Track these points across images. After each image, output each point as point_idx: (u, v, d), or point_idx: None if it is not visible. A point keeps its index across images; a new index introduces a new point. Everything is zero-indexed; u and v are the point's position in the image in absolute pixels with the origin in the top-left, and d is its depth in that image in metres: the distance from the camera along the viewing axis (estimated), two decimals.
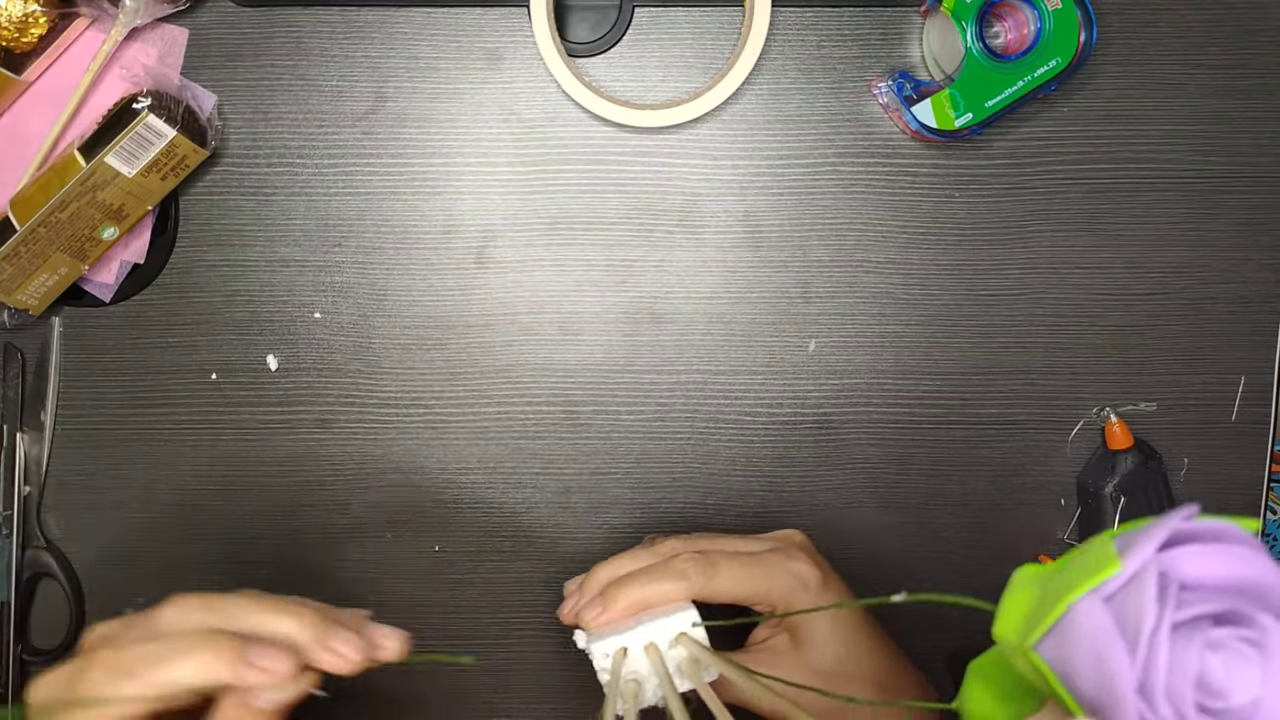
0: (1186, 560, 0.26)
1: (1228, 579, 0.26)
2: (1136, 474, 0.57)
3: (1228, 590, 0.26)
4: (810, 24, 0.56)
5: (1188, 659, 0.25)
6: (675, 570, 0.43)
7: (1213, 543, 0.26)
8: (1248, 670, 0.26)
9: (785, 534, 0.50)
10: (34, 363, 0.58)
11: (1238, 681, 0.26)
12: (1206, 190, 0.58)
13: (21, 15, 0.51)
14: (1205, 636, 0.25)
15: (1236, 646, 0.26)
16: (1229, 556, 0.26)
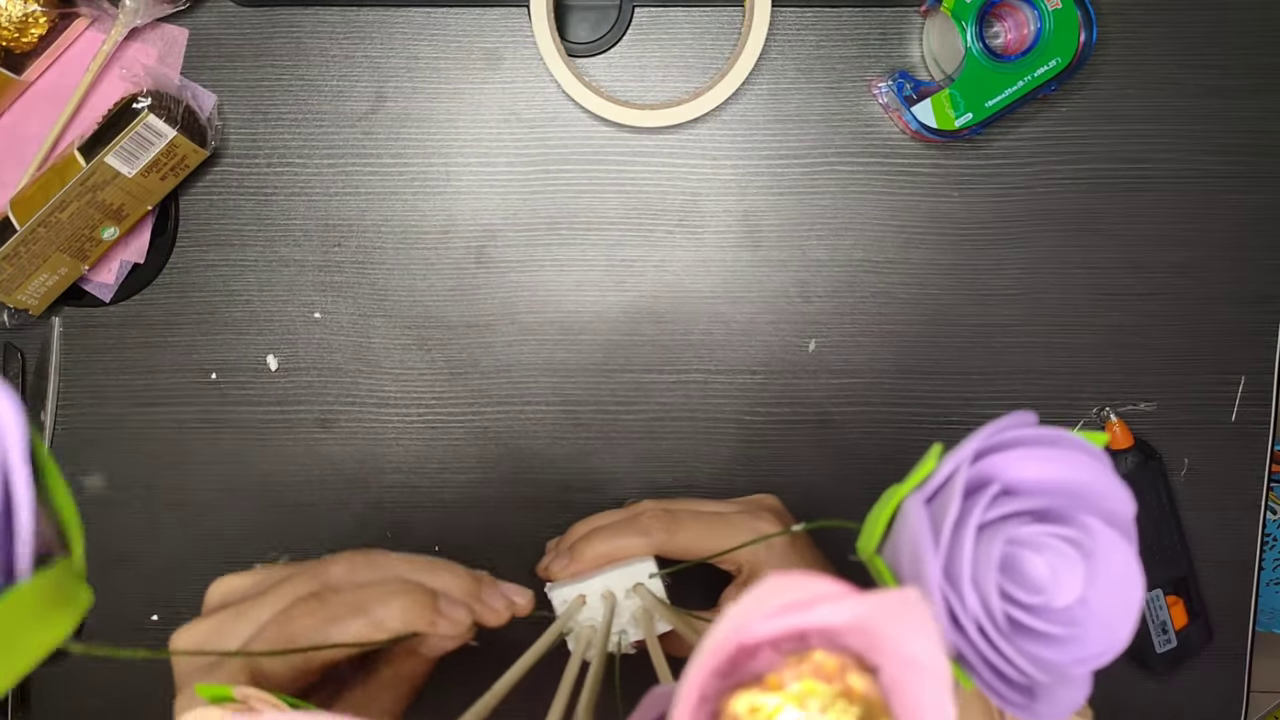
0: (1015, 464, 0.26)
1: (1055, 482, 0.26)
2: (1136, 474, 0.57)
3: (1055, 493, 0.26)
4: (810, 24, 0.56)
5: (992, 550, 0.25)
6: (640, 526, 0.45)
7: (1044, 447, 0.26)
8: (1071, 570, 0.26)
9: (756, 498, 0.51)
10: (34, 363, 0.58)
11: (1062, 580, 0.26)
12: (1206, 190, 0.58)
13: (21, 15, 0.51)
14: (1017, 533, 0.26)
15: (1057, 545, 0.26)
16: (1058, 460, 0.26)
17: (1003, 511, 0.26)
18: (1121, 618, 0.26)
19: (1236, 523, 0.61)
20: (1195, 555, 0.60)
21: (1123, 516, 0.26)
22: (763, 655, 0.21)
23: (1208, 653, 0.61)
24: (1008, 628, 0.26)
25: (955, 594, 0.25)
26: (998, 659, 0.25)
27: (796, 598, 0.20)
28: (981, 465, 0.26)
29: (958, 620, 0.25)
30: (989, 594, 0.25)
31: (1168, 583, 0.59)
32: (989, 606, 0.25)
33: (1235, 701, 0.63)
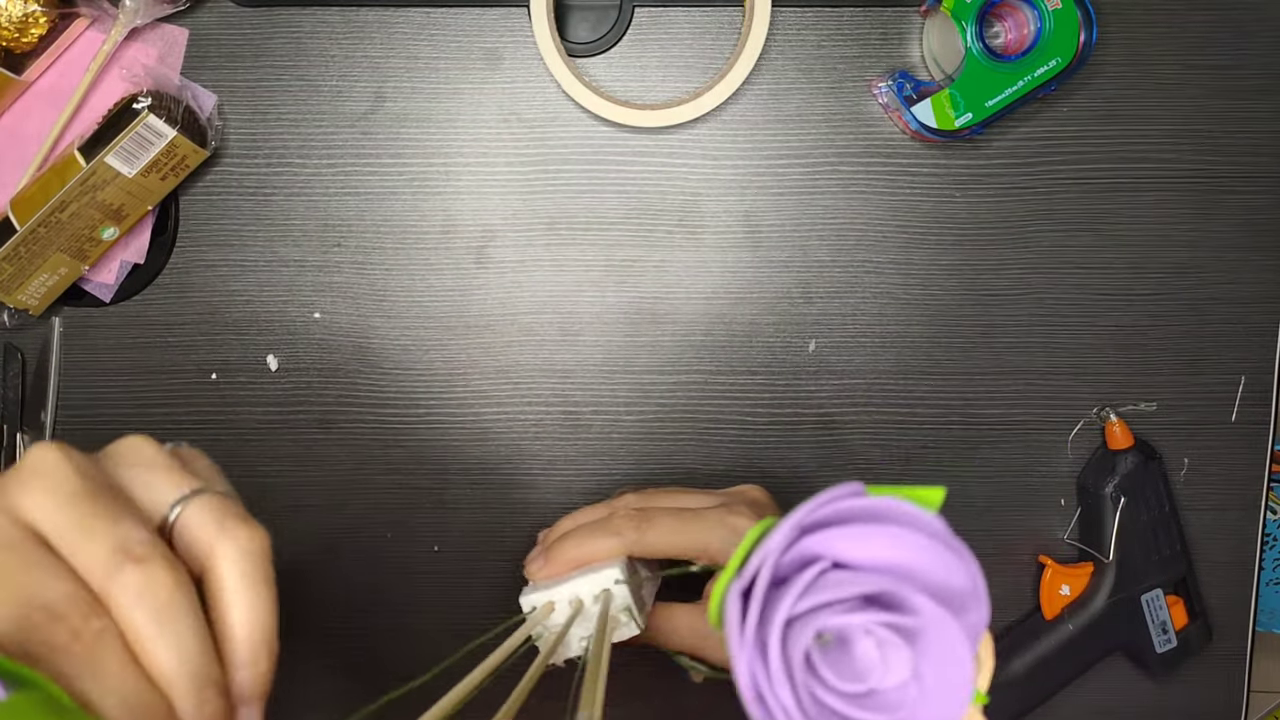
0: (838, 542, 0.26)
1: (879, 561, 0.26)
2: (1136, 474, 0.57)
3: (881, 571, 0.26)
4: (810, 24, 0.56)
5: (800, 643, 0.25)
6: (611, 527, 0.45)
7: (865, 524, 0.26)
8: (897, 654, 0.26)
9: (740, 489, 0.50)
10: (34, 363, 0.58)
11: (890, 663, 0.26)
12: (1207, 190, 0.58)
13: (21, 15, 0.51)
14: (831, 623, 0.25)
15: (880, 632, 0.26)
16: (879, 539, 0.26)
17: (819, 600, 0.25)
18: (955, 693, 0.26)
19: (1236, 523, 0.61)
20: (1195, 555, 0.60)
21: (956, 588, 0.26)
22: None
23: (1208, 653, 0.61)
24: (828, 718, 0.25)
25: (768, 686, 0.25)
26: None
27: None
28: (806, 543, 0.26)
29: (770, 712, 0.25)
30: (800, 688, 0.25)
31: (1168, 583, 0.59)
32: (800, 699, 0.25)
33: (1235, 701, 0.63)
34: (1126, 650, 0.60)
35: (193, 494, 0.29)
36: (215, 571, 0.28)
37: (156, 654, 0.26)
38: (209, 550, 0.28)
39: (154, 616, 0.26)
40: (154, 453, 0.30)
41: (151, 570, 0.26)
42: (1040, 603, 0.59)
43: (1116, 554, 0.58)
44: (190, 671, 0.26)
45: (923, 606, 0.25)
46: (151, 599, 0.26)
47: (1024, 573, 0.60)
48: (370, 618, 0.60)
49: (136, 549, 0.26)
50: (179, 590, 0.27)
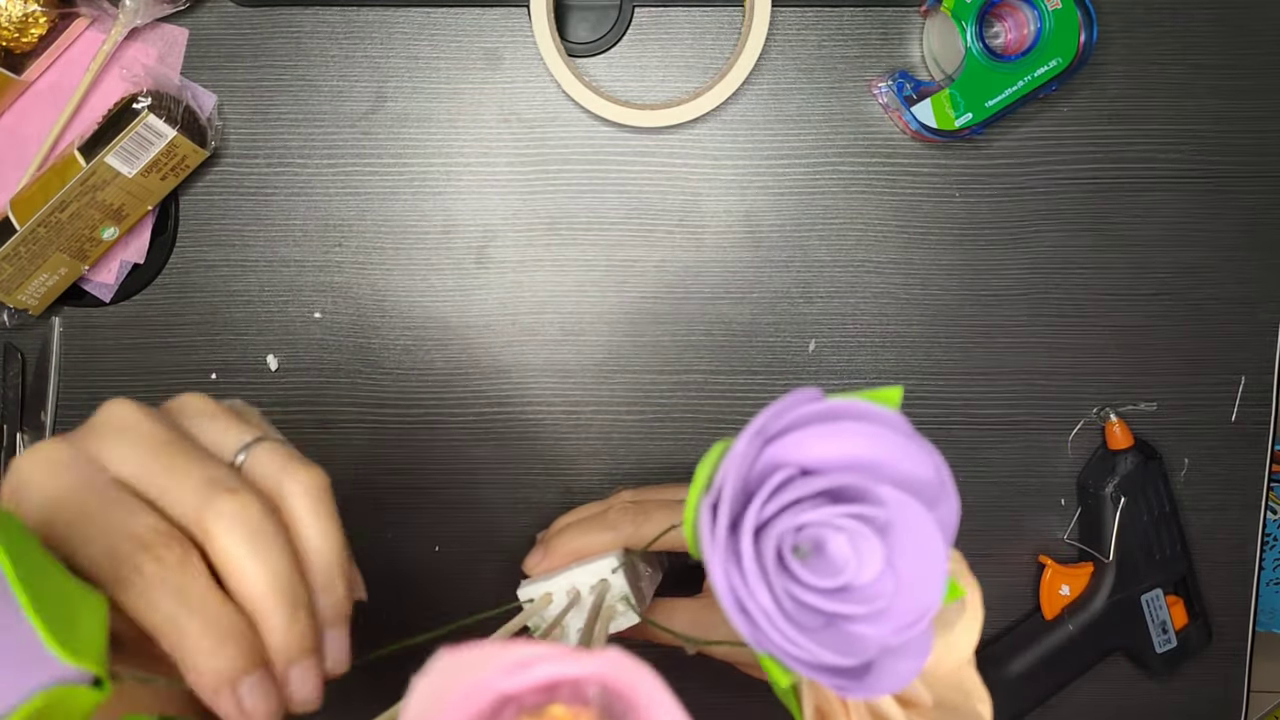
0: (800, 446, 0.26)
1: (843, 458, 0.26)
2: (1136, 474, 0.57)
3: (846, 468, 0.26)
4: (810, 24, 0.56)
5: (771, 544, 0.25)
6: (607, 521, 0.45)
7: (822, 424, 0.26)
8: (869, 546, 0.26)
9: None
10: (34, 363, 0.58)
11: (864, 557, 0.26)
12: (1207, 190, 0.58)
13: (21, 15, 0.51)
14: (802, 519, 0.26)
15: (849, 525, 0.26)
16: (839, 436, 0.26)
17: (787, 499, 0.26)
18: (929, 580, 0.26)
19: (1236, 523, 0.61)
20: (1195, 555, 0.60)
21: (920, 478, 0.26)
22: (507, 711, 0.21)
23: (1208, 653, 0.61)
24: (810, 617, 0.26)
25: (747, 593, 0.25)
26: (801, 652, 0.25)
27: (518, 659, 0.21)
28: (769, 452, 0.26)
29: (753, 619, 0.25)
30: (776, 589, 0.25)
31: (1168, 583, 0.59)
32: (779, 601, 0.25)
33: (1235, 701, 0.63)
34: (1126, 650, 0.60)
35: (255, 441, 0.31)
36: (286, 506, 0.30)
37: (249, 575, 0.28)
38: (278, 489, 0.30)
39: (248, 539, 0.28)
40: (214, 407, 0.32)
41: (243, 498, 0.28)
42: (1040, 603, 0.59)
43: (1116, 554, 0.58)
44: (282, 590, 0.28)
45: (888, 496, 0.26)
46: (245, 524, 0.28)
47: (1024, 573, 0.60)
48: (370, 617, 0.60)
49: (227, 482, 0.28)
50: (268, 517, 0.28)
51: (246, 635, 0.27)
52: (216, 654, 0.26)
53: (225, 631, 0.27)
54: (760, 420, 0.26)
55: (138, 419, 0.29)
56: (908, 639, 0.26)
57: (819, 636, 0.25)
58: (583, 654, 0.21)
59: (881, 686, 0.25)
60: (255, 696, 0.27)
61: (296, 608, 0.28)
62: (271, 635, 0.28)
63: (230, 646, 0.27)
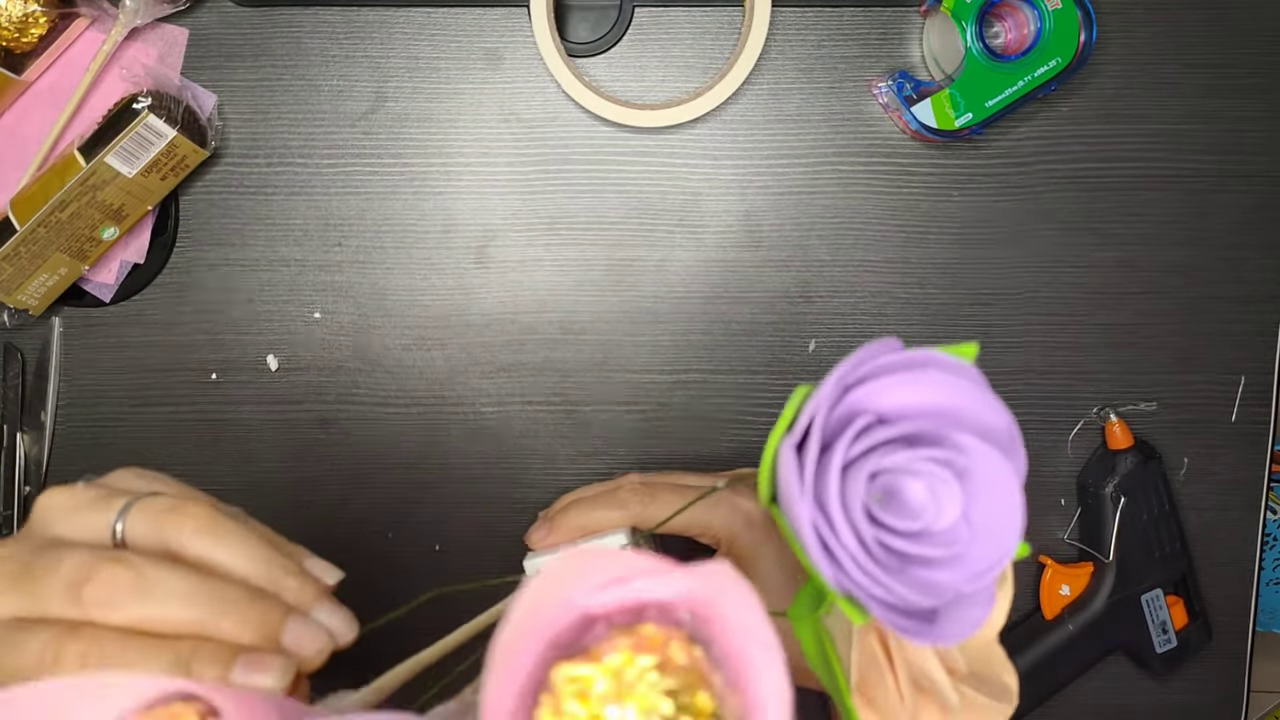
0: (881, 393, 0.26)
1: (923, 405, 0.26)
2: (1136, 474, 0.57)
3: (925, 415, 0.26)
4: (810, 24, 0.56)
5: (859, 485, 0.25)
6: (617, 499, 0.45)
7: (905, 372, 0.26)
8: (947, 490, 0.26)
9: (742, 471, 0.51)
10: (34, 363, 0.58)
11: (941, 501, 0.26)
12: (1206, 190, 0.58)
13: (21, 15, 0.51)
14: (885, 462, 0.26)
15: (929, 469, 0.26)
16: (921, 384, 0.26)
17: (869, 443, 0.26)
18: (1005, 528, 0.26)
19: (1236, 523, 0.61)
20: (1195, 555, 0.60)
21: (997, 429, 0.26)
22: (598, 628, 0.21)
23: (1208, 653, 0.61)
24: (890, 559, 0.26)
25: (831, 533, 0.25)
26: (883, 592, 0.25)
27: (615, 573, 0.21)
28: (850, 399, 0.26)
29: (836, 559, 0.25)
30: (861, 529, 0.25)
31: (1168, 583, 0.59)
32: (864, 541, 0.25)
33: (1235, 701, 0.63)
34: (1126, 650, 0.60)
35: (124, 509, 0.30)
36: (183, 554, 0.29)
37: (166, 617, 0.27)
38: (163, 543, 0.29)
39: (134, 602, 0.27)
40: (75, 498, 0.31)
41: (103, 573, 0.27)
42: (1040, 603, 0.59)
43: (1116, 554, 0.58)
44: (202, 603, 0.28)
45: (969, 444, 0.26)
46: (123, 592, 0.27)
47: (1024, 573, 0.60)
48: (370, 617, 0.60)
49: (78, 574, 0.28)
50: (143, 567, 0.28)
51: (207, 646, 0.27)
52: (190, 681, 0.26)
53: (185, 658, 0.27)
54: (844, 366, 0.26)
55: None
56: (980, 586, 0.26)
57: (898, 578, 0.25)
58: (679, 570, 0.21)
59: (950, 633, 0.26)
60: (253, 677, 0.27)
61: (229, 606, 0.28)
62: (232, 638, 0.28)
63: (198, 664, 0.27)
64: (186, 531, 0.29)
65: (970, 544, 0.26)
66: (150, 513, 0.30)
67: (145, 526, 0.29)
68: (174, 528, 0.29)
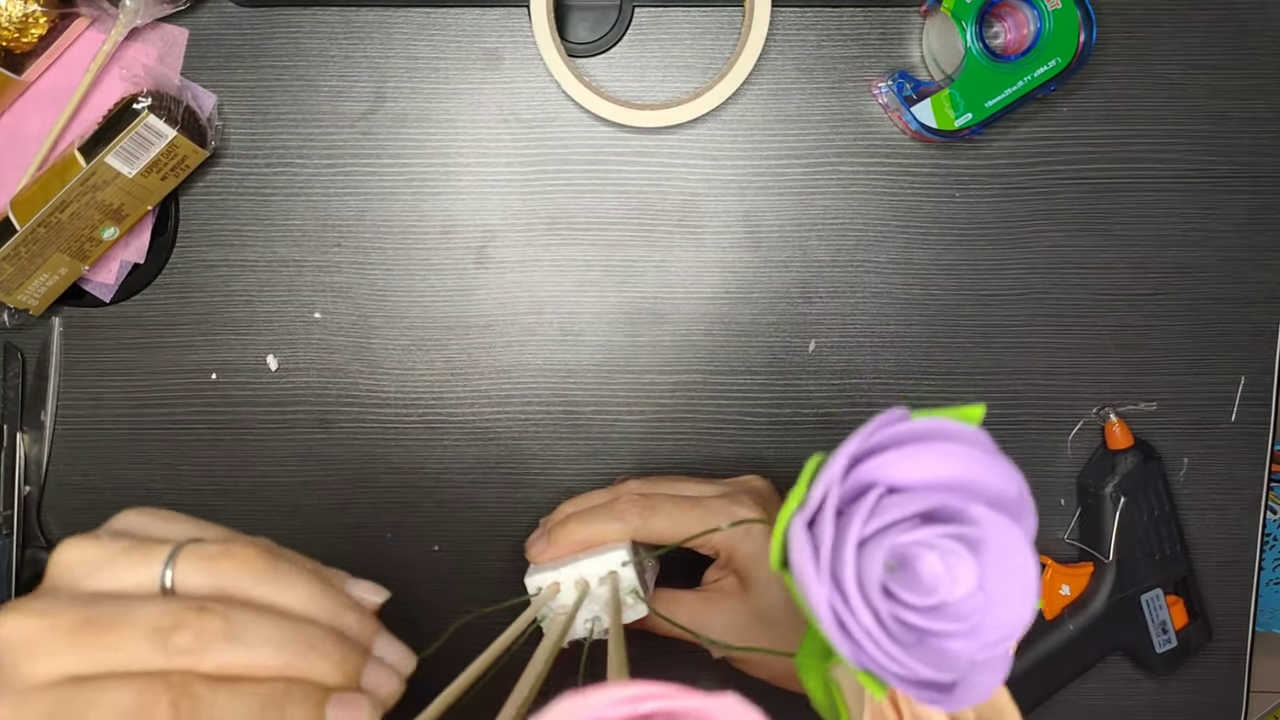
0: (891, 466, 0.26)
1: (933, 478, 0.27)
2: (1136, 474, 0.57)
3: (936, 488, 0.27)
4: (810, 24, 0.56)
5: (876, 563, 0.25)
6: (615, 511, 0.45)
7: (914, 445, 0.26)
8: (962, 564, 0.26)
9: (742, 480, 0.51)
10: (34, 363, 0.58)
11: (956, 574, 0.26)
12: (1207, 190, 0.58)
13: (21, 15, 0.51)
14: (900, 540, 0.26)
15: (944, 544, 0.26)
16: (930, 456, 0.26)
17: (884, 522, 0.26)
18: (1020, 597, 0.26)
19: (1236, 523, 0.61)
20: (1195, 555, 0.60)
21: (1007, 495, 0.26)
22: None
23: (1208, 653, 0.61)
24: (906, 634, 0.26)
25: (849, 612, 0.25)
26: (900, 669, 0.25)
27: (624, 695, 0.21)
28: (860, 472, 0.26)
29: (854, 638, 0.25)
30: (879, 607, 0.25)
31: (1168, 583, 0.59)
32: (881, 620, 0.25)
33: (1235, 701, 0.63)
34: (1126, 650, 0.60)
35: (170, 557, 0.29)
36: (242, 593, 0.29)
37: (259, 662, 0.27)
38: (222, 590, 0.29)
39: (229, 647, 0.27)
40: (94, 551, 0.30)
41: (192, 622, 0.27)
42: (1040, 603, 0.59)
43: (1116, 554, 0.58)
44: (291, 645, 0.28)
45: (981, 515, 0.26)
46: (215, 638, 0.27)
47: None
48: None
49: (164, 620, 0.27)
50: (227, 613, 0.28)
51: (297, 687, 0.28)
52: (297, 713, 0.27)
53: (279, 700, 0.27)
54: (854, 442, 0.26)
55: (32, 623, 0.27)
56: (996, 653, 0.26)
57: (915, 653, 0.25)
58: (696, 693, 0.21)
59: (965, 699, 0.26)
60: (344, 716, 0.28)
61: (315, 647, 0.28)
62: (319, 679, 0.28)
63: (292, 707, 0.27)
64: (245, 579, 0.29)
65: (985, 614, 0.26)
66: (201, 561, 0.29)
67: (200, 576, 0.29)
68: (231, 575, 0.29)
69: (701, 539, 0.46)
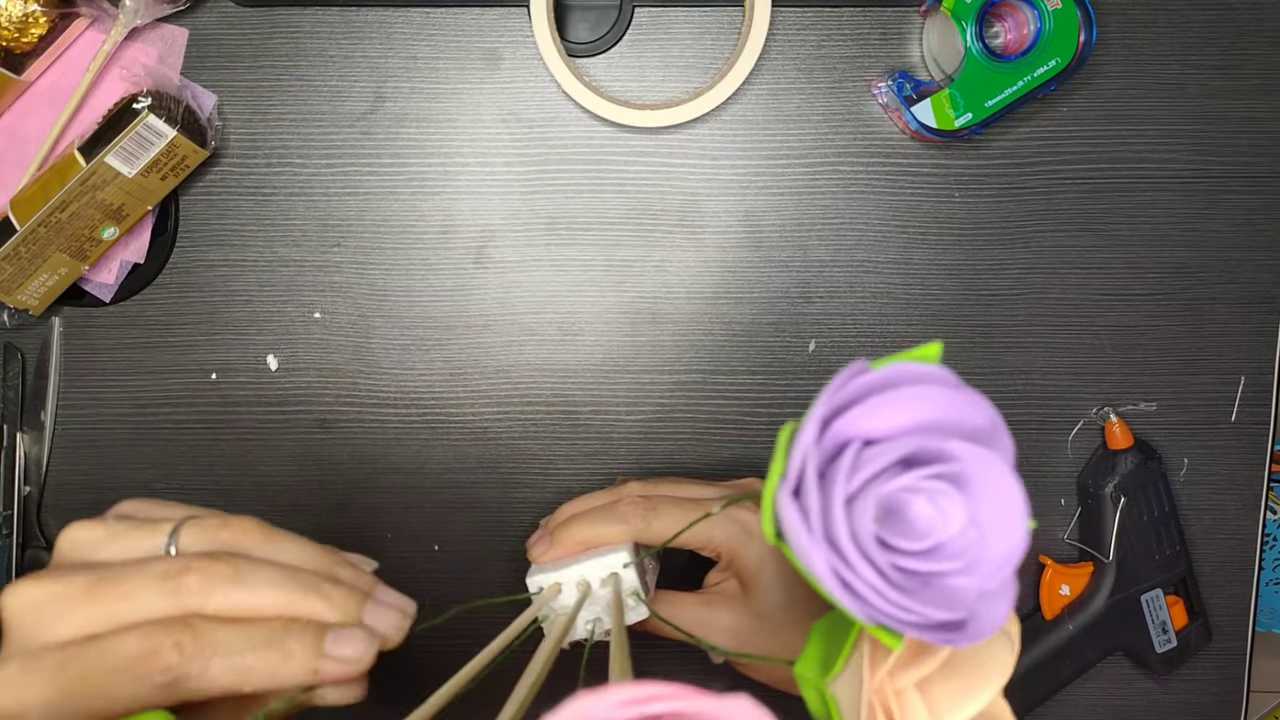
0: (863, 419, 0.27)
1: (906, 424, 0.27)
2: (1136, 474, 0.57)
3: (912, 432, 0.27)
4: (810, 24, 0.56)
5: (866, 516, 0.26)
6: (617, 513, 0.45)
7: (879, 394, 0.26)
8: (950, 502, 0.26)
9: (745, 481, 0.51)
10: (34, 363, 0.58)
11: (947, 513, 0.27)
12: (1206, 190, 0.58)
13: (21, 15, 0.51)
14: (885, 489, 0.26)
15: (929, 485, 0.26)
16: (898, 404, 0.26)
17: (866, 475, 0.26)
18: (1012, 522, 0.26)
19: (1236, 523, 0.61)
20: (1195, 555, 0.60)
21: (982, 427, 0.27)
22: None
23: (1208, 653, 0.61)
24: (910, 581, 0.26)
25: (849, 571, 0.25)
26: (911, 615, 0.25)
27: (634, 696, 0.21)
28: (833, 431, 0.27)
29: (860, 595, 0.25)
30: (877, 560, 0.26)
31: (1168, 583, 0.59)
32: (882, 571, 0.26)
33: (1235, 701, 0.63)
34: (1126, 650, 0.60)
35: (174, 530, 0.31)
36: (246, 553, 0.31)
37: (262, 600, 0.29)
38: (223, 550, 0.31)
39: (236, 585, 0.29)
40: (99, 530, 0.32)
41: (200, 565, 0.29)
42: (1040, 603, 0.59)
43: (1116, 554, 0.58)
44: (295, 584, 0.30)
45: (961, 451, 0.26)
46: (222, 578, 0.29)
47: (1024, 573, 0.60)
48: None
49: (174, 566, 0.29)
50: (234, 560, 0.30)
51: (297, 624, 0.29)
52: (289, 656, 0.29)
53: (280, 635, 0.29)
54: (821, 406, 0.26)
55: (45, 588, 0.29)
56: (1001, 580, 0.26)
57: (922, 597, 0.26)
58: (707, 695, 0.21)
59: (981, 633, 0.26)
60: (343, 649, 0.29)
61: (314, 587, 0.30)
62: (318, 615, 0.30)
63: (293, 641, 0.29)
64: (246, 544, 0.31)
65: (982, 546, 0.27)
66: (204, 532, 0.31)
67: (203, 544, 0.31)
68: (231, 542, 0.31)
69: (703, 543, 0.46)
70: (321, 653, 0.29)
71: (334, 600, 0.30)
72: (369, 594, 0.32)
